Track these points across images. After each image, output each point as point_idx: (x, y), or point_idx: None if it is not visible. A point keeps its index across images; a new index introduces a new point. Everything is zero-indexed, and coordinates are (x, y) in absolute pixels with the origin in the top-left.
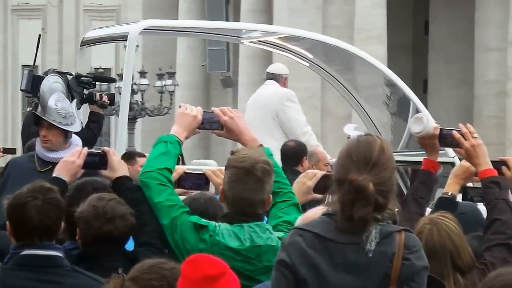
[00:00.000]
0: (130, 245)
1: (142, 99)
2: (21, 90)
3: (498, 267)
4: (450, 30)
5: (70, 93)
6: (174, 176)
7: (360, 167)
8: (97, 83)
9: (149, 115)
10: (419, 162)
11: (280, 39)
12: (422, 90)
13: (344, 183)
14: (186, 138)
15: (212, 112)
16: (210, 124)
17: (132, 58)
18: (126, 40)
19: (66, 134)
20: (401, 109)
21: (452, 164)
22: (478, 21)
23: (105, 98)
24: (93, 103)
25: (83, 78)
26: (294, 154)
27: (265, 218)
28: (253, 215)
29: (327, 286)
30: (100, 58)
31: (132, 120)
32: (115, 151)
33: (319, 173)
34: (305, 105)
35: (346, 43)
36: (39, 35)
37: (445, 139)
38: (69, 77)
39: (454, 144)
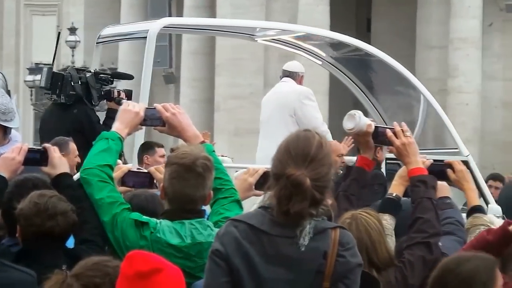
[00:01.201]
0: (70, 243)
1: None
2: (40, 87)
3: (416, 265)
4: (392, 27)
5: (89, 90)
6: (119, 174)
7: (298, 162)
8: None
9: None
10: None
11: (294, 37)
12: None
13: (282, 178)
14: (128, 134)
15: (154, 108)
16: (152, 120)
17: (151, 56)
18: (145, 37)
19: (6, 130)
20: (412, 108)
21: (466, 163)
22: (420, 19)
23: (122, 95)
24: (111, 100)
25: (101, 75)
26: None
27: (206, 214)
28: (194, 212)
29: (259, 278)
30: (41, 53)
31: None
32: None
33: (261, 170)
34: (247, 101)
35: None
36: (59, 33)
37: (380, 137)
38: (88, 74)
39: (387, 142)
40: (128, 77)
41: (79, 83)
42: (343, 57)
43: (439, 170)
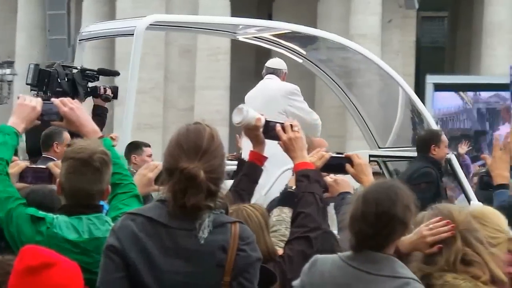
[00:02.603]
0: None
1: None
2: (27, 84)
3: (295, 260)
4: (293, 23)
5: (75, 87)
6: (16, 170)
7: (190, 155)
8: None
9: None
10: (407, 158)
11: (274, 35)
12: None
13: (175, 172)
14: (25, 129)
15: (52, 103)
16: (50, 115)
17: (139, 53)
18: (132, 35)
19: None
20: (392, 105)
21: (448, 160)
22: (321, 15)
23: (109, 92)
24: (97, 97)
25: (87, 72)
26: (423, 143)
27: (105, 209)
28: (92, 207)
29: (157, 271)
30: None
31: None
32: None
33: (160, 165)
34: (147, 95)
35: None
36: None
37: (270, 131)
38: (74, 71)
39: (277, 136)
40: (114, 73)
41: (66, 79)
42: (324, 55)
43: (338, 164)
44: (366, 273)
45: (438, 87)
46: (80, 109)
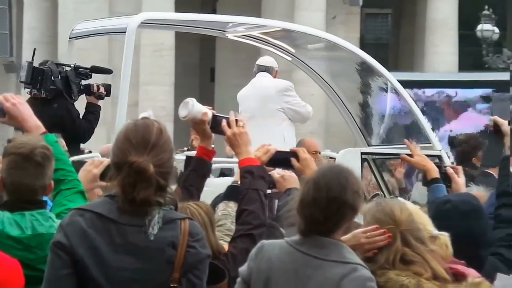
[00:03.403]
0: None
1: None
2: (21, 82)
3: (238, 258)
4: None
5: (69, 85)
6: None
7: (139, 149)
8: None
9: None
10: (396, 155)
11: (263, 33)
12: (209, 79)
13: (124, 166)
14: None
15: None
16: None
17: (131, 51)
18: (123, 33)
19: None
20: (379, 103)
21: (439, 158)
22: (265, 10)
23: (102, 89)
24: (91, 94)
25: (80, 70)
26: (465, 155)
27: (49, 205)
28: (35, 202)
29: (106, 267)
30: None
31: None
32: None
33: (106, 161)
34: None
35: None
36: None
37: (217, 126)
38: (68, 69)
39: (222, 131)
40: (107, 71)
41: (59, 77)
42: (314, 53)
43: (284, 158)
44: (314, 258)
45: None
46: (22, 104)
